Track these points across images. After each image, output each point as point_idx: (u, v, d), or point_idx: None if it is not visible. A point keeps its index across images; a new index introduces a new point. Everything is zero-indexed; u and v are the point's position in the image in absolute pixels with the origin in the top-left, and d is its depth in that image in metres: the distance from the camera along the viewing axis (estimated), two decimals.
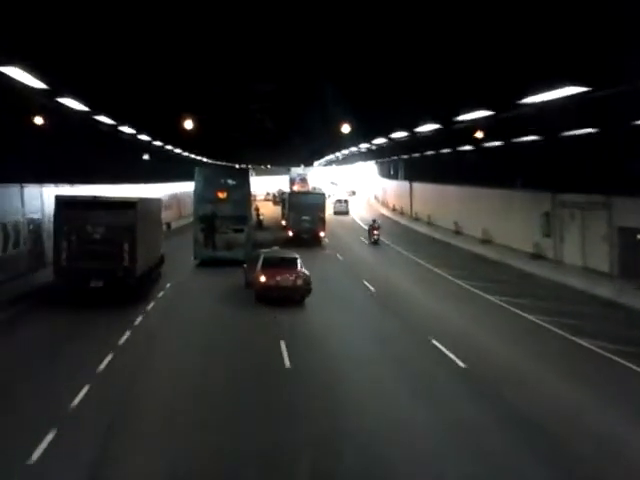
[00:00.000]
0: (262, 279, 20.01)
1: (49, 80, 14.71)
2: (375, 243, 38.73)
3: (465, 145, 33.69)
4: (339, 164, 79.49)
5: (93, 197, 21.31)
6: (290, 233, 38.55)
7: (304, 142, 39.52)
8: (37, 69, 13.47)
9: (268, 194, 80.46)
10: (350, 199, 72.48)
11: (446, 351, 15.02)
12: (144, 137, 31.49)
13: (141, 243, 20.09)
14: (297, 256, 21.23)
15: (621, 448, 9.89)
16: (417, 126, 25.51)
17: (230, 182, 30.00)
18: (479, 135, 23.38)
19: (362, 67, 15.25)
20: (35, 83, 14.45)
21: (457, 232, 39.97)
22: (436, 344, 15.65)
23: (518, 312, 19.74)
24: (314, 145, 42.46)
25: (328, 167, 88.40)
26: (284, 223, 43.76)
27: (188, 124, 22.63)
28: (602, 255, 23.53)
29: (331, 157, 63.62)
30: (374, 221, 41.30)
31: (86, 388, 11.83)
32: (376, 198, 79.68)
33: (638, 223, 21.38)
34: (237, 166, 59.18)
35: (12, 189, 21.97)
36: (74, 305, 19.02)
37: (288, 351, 14.66)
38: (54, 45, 12.35)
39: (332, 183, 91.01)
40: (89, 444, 9.54)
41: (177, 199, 51.18)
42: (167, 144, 38.09)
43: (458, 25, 10.92)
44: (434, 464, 9.25)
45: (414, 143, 33.08)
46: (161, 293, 22.27)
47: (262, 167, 79.73)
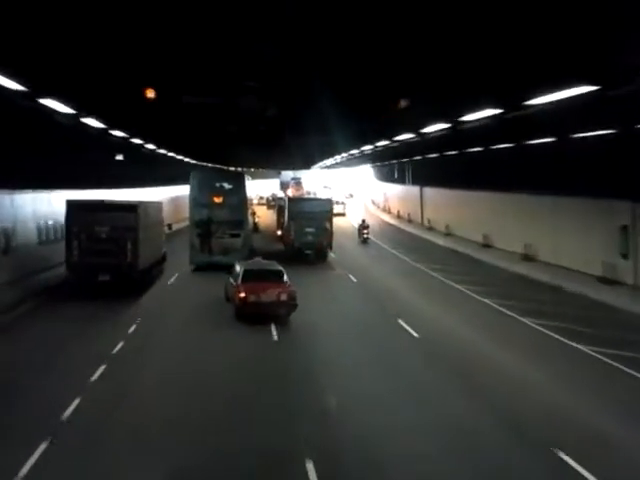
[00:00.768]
0: (242, 294, 18.44)
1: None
2: (364, 242, 41.54)
3: (500, 143, 29.04)
4: (334, 168, 77.68)
5: (100, 201, 23.90)
6: (287, 245, 33.55)
7: (300, 144, 38.46)
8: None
9: (262, 198, 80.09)
10: (347, 202, 72.76)
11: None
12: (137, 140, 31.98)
13: (143, 241, 22.65)
14: (281, 268, 19.93)
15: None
16: (425, 126, 23.16)
17: (226, 186, 29.86)
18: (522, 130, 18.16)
19: (367, 65, 14.71)
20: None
21: (486, 245, 34.57)
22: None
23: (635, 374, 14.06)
24: (310, 148, 41.03)
25: (321, 171, 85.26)
26: (279, 233, 39.10)
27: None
28: None
29: (329, 160, 60.94)
30: (363, 221, 44.41)
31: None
32: (374, 203, 76.71)
33: None
34: (232, 169, 58.74)
35: None
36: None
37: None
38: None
39: (325, 187, 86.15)
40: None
41: (176, 203, 52.07)
42: (161, 147, 38.38)
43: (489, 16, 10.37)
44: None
45: (430, 143, 29.51)
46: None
47: (252, 170, 75.94)
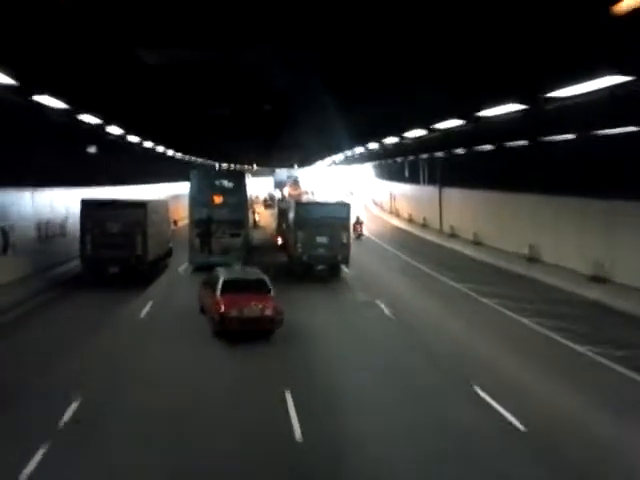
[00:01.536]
0: (221, 308, 15.98)
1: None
2: (358, 238, 43.66)
3: (554, 135, 24.47)
4: (332, 165, 78.06)
5: (112, 200, 26.02)
6: (292, 258, 27.81)
7: (299, 141, 38.61)
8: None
9: (257, 197, 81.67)
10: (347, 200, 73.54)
11: None
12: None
13: (150, 236, 24.71)
14: (265, 277, 17.69)
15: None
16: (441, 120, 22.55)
17: (226, 185, 29.42)
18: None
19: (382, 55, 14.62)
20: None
21: (532, 259, 28.74)
22: None
23: None
24: (311, 144, 40.11)
25: (317, 169, 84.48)
26: (280, 242, 34.47)
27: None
28: None
29: (331, 158, 60.57)
30: (358, 217, 46.36)
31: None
32: (376, 204, 73.26)
33: None
34: (231, 166, 59.66)
35: None
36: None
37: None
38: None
39: (322, 187, 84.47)
40: None
41: (180, 200, 53.67)
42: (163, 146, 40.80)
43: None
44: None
45: (458, 137, 26.92)
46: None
47: (247, 167, 74.57)
